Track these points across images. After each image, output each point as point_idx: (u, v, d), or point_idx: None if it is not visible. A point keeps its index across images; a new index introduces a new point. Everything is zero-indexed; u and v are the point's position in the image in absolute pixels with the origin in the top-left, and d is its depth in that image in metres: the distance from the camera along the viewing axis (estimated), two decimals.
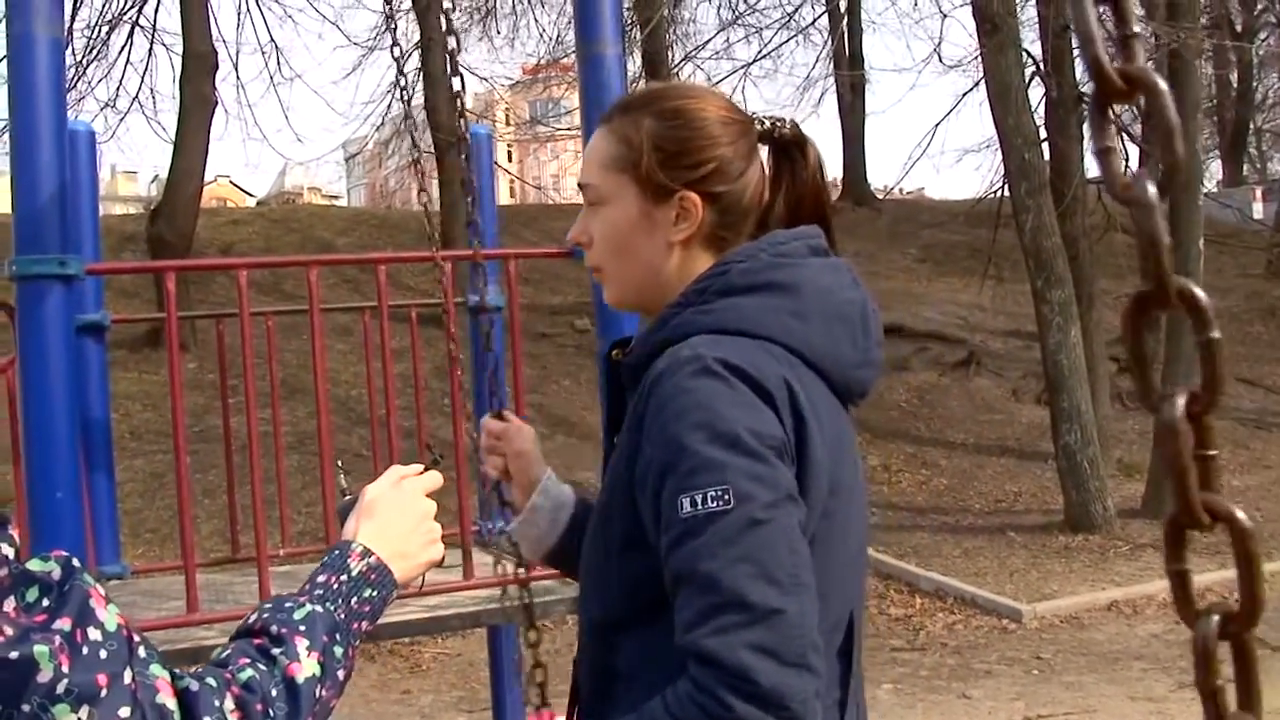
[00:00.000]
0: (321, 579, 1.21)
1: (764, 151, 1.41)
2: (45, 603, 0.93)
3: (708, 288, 1.31)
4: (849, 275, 1.38)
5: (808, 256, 1.36)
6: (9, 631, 0.89)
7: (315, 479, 10.69)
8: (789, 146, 1.42)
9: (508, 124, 25.34)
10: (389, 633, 3.88)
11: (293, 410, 10.12)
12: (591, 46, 3.05)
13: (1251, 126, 26.50)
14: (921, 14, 31.36)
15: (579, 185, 1.43)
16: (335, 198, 38.65)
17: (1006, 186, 10.85)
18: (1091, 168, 18.06)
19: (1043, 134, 11.17)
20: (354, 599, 1.20)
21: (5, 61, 2.52)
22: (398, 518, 1.32)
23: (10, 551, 0.93)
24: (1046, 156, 10.90)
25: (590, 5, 3.03)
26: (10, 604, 0.91)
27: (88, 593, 0.96)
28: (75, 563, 0.97)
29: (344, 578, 1.22)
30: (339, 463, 1.54)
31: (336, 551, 1.26)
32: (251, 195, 40.48)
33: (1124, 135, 13.85)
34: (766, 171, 1.41)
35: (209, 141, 12.60)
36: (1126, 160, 14.28)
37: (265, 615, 1.14)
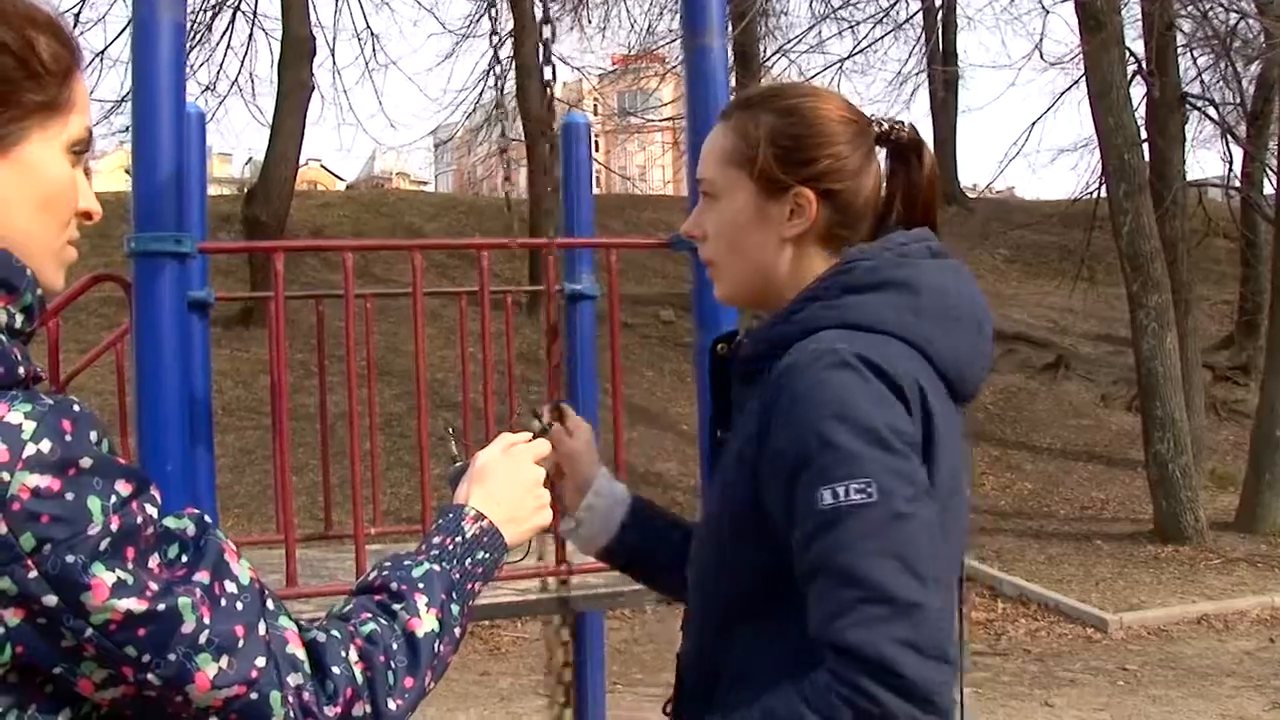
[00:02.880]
0: (437, 540, 1.25)
1: (881, 153, 1.42)
2: (184, 558, 0.98)
3: (833, 284, 1.33)
4: (966, 276, 1.39)
5: (926, 257, 1.37)
6: (154, 587, 0.93)
7: (399, 460, 10.83)
8: (905, 149, 1.42)
9: (595, 114, 25.41)
10: (476, 614, 3.92)
11: (380, 393, 10.28)
12: (697, 38, 3.03)
13: None
14: (1018, 10, 30.63)
15: (697, 179, 1.45)
16: (424, 183, 39.13)
17: (1104, 187, 10.61)
18: (1193, 170, 17.57)
19: (1142, 134, 10.90)
20: (468, 560, 1.24)
21: (130, 43, 2.58)
22: (508, 483, 1.36)
23: (154, 512, 0.97)
24: (1146, 158, 10.64)
25: None
26: (155, 560, 0.95)
27: (221, 547, 1.01)
28: (207, 519, 1.02)
29: (458, 539, 1.26)
30: (450, 429, 1.58)
31: (450, 515, 1.30)
32: (341, 179, 41.15)
33: (1228, 136, 13.50)
34: (883, 173, 1.42)
35: (305, 126, 12.85)
36: (1230, 161, 13.90)
37: (385, 573, 1.18)
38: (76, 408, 0.94)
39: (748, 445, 1.30)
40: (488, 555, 1.27)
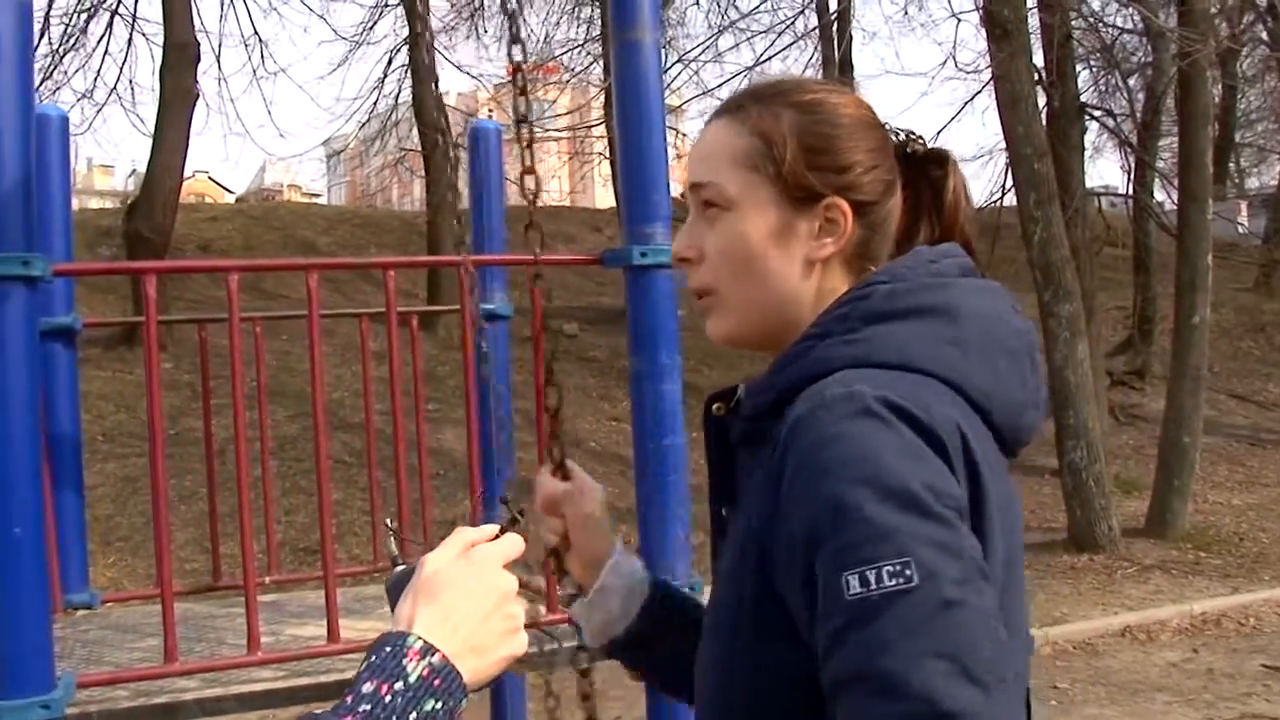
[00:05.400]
0: (368, 688, 0.88)
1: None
2: None
3: (850, 313, 1.06)
4: (1008, 300, 1.13)
5: (958, 277, 1.11)
6: None
7: (295, 485, 10.32)
8: (926, 164, 1.17)
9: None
10: None
11: (272, 414, 9.77)
12: (626, 32, 2.74)
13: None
14: (914, 21, 31.10)
15: (689, 185, 1.15)
16: (316, 196, 38.16)
17: (1011, 196, 10.61)
18: (1092, 178, 17.84)
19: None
20: (412, 715, 0.87)
21: None
22: (468, 599, 0.98)
23: None
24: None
25: None
26: None
27: None
28: None
29: (399, 686, 0.88)
30: (389, 521, 1.19)
31: (388, 649, 0.91)
32: (230, 191, 39.99)
33: (1126, 148, 13.68)
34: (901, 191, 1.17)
35: (189, 135, 12.24)
36: (1127, 170, 14.11)
37: None
38: None
39: (755, 522, 1.02)
40: (440, 705, 0.89)
